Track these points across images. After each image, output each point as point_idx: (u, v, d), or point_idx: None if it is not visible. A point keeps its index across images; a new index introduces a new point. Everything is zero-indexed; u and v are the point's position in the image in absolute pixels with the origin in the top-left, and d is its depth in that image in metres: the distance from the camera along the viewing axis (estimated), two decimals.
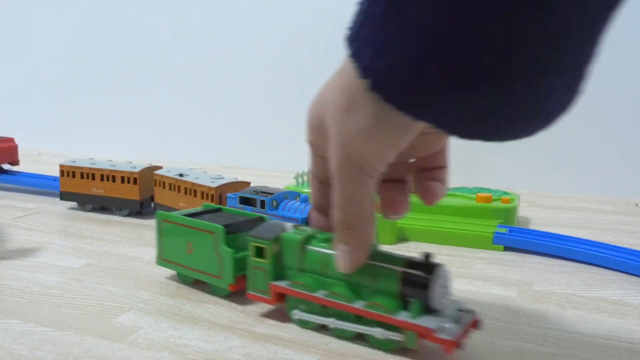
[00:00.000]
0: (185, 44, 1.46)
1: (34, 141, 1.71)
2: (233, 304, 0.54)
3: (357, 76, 0.35)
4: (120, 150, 1.54)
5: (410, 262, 0.45)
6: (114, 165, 0.91)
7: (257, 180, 1.10)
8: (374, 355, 0.45)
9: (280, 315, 0.52)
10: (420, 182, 0.48)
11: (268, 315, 0.52)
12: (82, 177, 0.92)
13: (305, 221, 0.65)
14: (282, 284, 0.49)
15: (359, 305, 0.44)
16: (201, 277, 0.55)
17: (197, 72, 1.46)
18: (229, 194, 0.72)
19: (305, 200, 0.68)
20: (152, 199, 0.90)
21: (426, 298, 0.42)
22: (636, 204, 1.04)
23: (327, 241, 0.47)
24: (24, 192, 1.07)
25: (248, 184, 0.80)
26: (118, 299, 0.55)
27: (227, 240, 0.52)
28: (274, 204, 0.68)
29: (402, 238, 0.78)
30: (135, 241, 0.76)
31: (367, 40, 0.35)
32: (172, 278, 0.62)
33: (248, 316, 0.52)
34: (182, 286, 0.59)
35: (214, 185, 0.76)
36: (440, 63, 0.31)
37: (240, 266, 0.52)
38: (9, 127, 1.76)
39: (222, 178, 0.79)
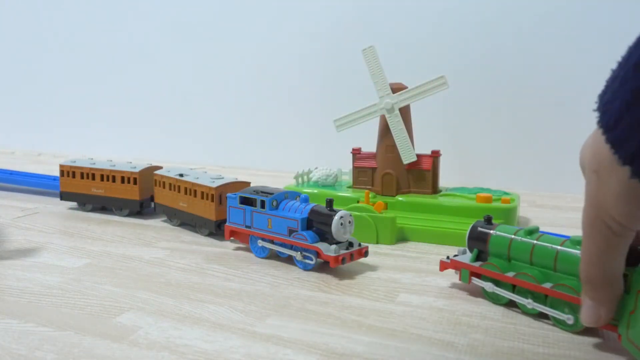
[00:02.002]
0: (186, 44, 1.46)
1: (34, 141, 1.71)
2: (233, 304, 0.55)
3: (610, 151, 0.38)
4: (120, 150, 1.54)
5: None
6: (114, 165, 0.91)
7: (257, 180, 1.10)
8: (374, 355, 0.45)
9: (281, 315, 0.52)
10: None
11: (268, 315, 0.52)
12: (82, 177, 0.92)
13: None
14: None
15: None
16: None
17: (197, 73, 1.46)
18: (229, 194, 0.73)
19: (305, 200, 0.68)
20: (152, 199, 0.90)
21: None
22: None
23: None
24: (24, 192, 1.07)
25: (248, 184, 0.80)
26: (118, 299, 0.55)
27: None
28: (274, 204, 0.68)
29: (402, 238, 0.78)
30: (135, 241, 0.76)
31: (631, 131, 0.37)
32: (172, 278, 0.62)
33: (248, 316, 0.52)
34: (182, 286, 0.59)
35: (214, 185, 0.76)
36: None
37: None
38: (9, 127, 1.76)
39: (222, 178, 0.79)
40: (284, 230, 0.66)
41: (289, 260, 0.68)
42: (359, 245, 0.65)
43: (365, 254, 0.65)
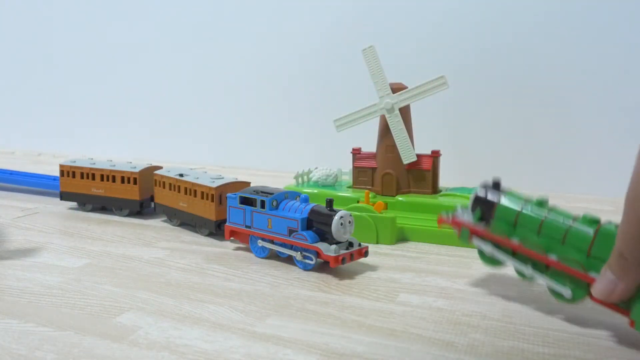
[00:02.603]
0: (186, 44, 1.46)
1: (34, 141, 1.71)
2: (233, 304, 0.55)
3: None
4: (120, 150, 1.54)
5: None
6: (114, 165, 0.91)
7: (257, 180, 1.10)
8: (374, 355, 0.45)
9: (281, 315, 0.52)
10: None
11: (268, 315, 0.52)
12: (82, 177, 0.92)
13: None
14: None
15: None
16: None
17: (197, 72, 1.46)
18: (229, 194, 0.73)
19: (305, 200, 0.68)
20: (152, 199, 0.90)
21: None
22: None
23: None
24: (24, 192, 1.07)
25: (248, 184, 0.80)
26: (118, 299, 0.55)
27: None
28: (274, 204, 0.68)
29: (402, 238, 0.78)
30: (135, 241, 0.76)
31: None
32: (172, 278, 0.62)
33: (248, 316, 0.52)
34: (182, 286, 0.59)
35: (214, 185, 0.76)
36: None
37: None
38: (9, 128, 1.76)
39: (222, 178, 0.79)
40: (284, 230, 0.66)
41: (289, 260, 0.68)
42: (359, 245, 0.65)
43: (365, 254, 0.65)
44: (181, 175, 0.83)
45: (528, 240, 0.52)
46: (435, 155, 0.87)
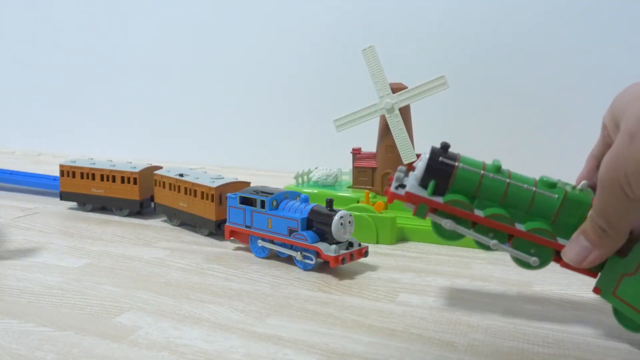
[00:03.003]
0: (186, 44, 1.46)
1: (34, 141, 1.71)
2: (233, 304, 0.55)
3: None
4: (120, 150, 1.54)
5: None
6: (114, 165, 0.91)
7: (257, 180, 1.10)
8: (374, 355, 0.45)
9: (281, 315, 0.52)
10: None
11: (268, 315, 0.52)
12: (82, 177, 0.92)
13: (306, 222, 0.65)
14: None
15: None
16: None
17: (197, 72, 1.46)
18: (229, 194, 0.72)
19: (305, 200, 0.68)
20: (152, 199, 0.90)
21: None
22: None
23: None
24: (24, 192, 1.07)
25: (248, 184, 0.80)
26: (118, 299, 0.55)
27: None
28: (274, 204, 0.68)
29: (402, 238, 0.78)
30: (135, 241, 0.76)
31: None
32: (172, 278, 0.62)
33: (248, 316, 0.52)
34: (182, 286, 0.59)
35: (214, 185, 0.76)
36: None
37: None
38: (9, 128, 1.76)
39: (222, 178, 0.79)
40: (284, 230, 0.66)
41: (289, 260, 0.68)
42: (359, 245, 0.65)
43: (365, 254, 0.65)
44: (181, 175, 0.83)
45: (493, 212, 0.49)
46: None
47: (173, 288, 0.59)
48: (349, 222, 0.64)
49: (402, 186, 0.52)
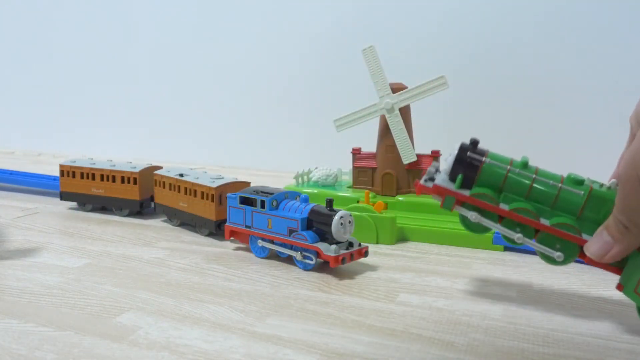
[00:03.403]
0: (186, 44, 1.46)
1: (34, 141, 1.71)
2: (233, 304, 0.55)
3: None
4: (120, 150, 1.54)
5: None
6: (114, 165, 0.91)
7: (257, 180, 1.10)
8: (374, 355, 0.45)
9: (281, 315, 0.52)
10: None
11: (268, 315, 0.52)
12: (82, 177, 0.92)
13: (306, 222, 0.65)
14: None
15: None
16: None
17: (197, 72, 1.46)
18: (229, 194, 0.72)
19: (305, 200, 0.68)
20: (152, 199, 0.90)
21: None
22: None
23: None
24: (24, 192, 1.07)
25: (248, 184, 0.80)
26: (118, 299, 0.55)
27: None
28: (274, 204, 0.68)
29: (402, 238, 0.78)
30: (135, 241, 0.76)
31: None
32: (172, 278, 0.62)
33: (248, 316, 0.52)
34: (182, 286, 0.59)
35: (214, 185, 0.76)
36: None
37: None
38: (9, 128, 1.76)
39: (222, 178, 0.79)
40: (284, 230, 0.66)
41: (289, 260, 0.68)
42: (359, 245, 0.65)
43: (365, 254, 0.65)
44: (181, 175, 0.83)
45: (518, 206, 0.51)
46: (435, 155, 0.87)
47: (173, 288, 0.59)
48: (349, 222, 0.64)
49: (432, 180, 0.54)
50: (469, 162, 0.52)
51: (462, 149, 0.53)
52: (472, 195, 0.52)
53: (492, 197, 0.51)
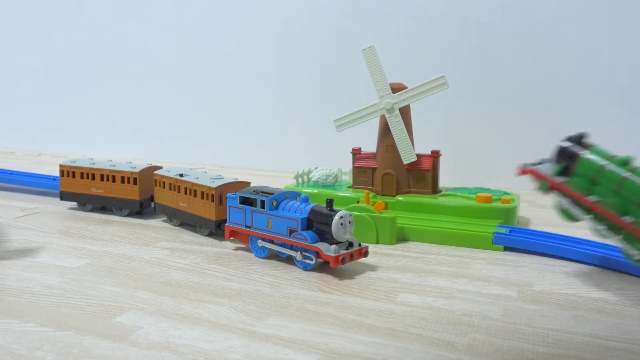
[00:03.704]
0: (185, 44, 1.46)
1: (34, 141, 1.71)
2: (233, 304, 0.55)
3: None
4: (120, 150, 1.54)
5: None
6: (114, 165, 0.91)
7: (257, 180, 1.10)
8: (374, 355, 0.45)
9: (281, 315, 0.52)
10: None
11: (268, 315, 0.52)
12: (82, 177, 0.92)
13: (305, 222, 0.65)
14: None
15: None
16: None
17: (197, 72, 1.46)
18: (229, 194, 0.73)
19: (305, 200, 0.68)
20: (152, 199, 0.90)
21: None
22: None
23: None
24: (24, 192, 1.07)
25: (248, 184, 0.80)
26: (118, 299, 0.55)
27: None
28: (274, 204, 0.68)
29: (402, 238, 0.78)
30: (135, 241, 0.76)
31: None
32: (172, 278, 0.62)
33: (248, 316, 0.52)
34: (182, 286, 0.59)
35: (214, 185, 0.76)
36: None
37: None
38: (9, 128, 1.76)
39: (222, 178, 0.79)
40: (284, 230, 0.66)
41: (289, 260, 0.68)
42: (359, 245, 0.65)
43: (365, 254, 0.65)
44: (181, 175, 0.83)
45: (605, 199, 0.52)
46: (435, 155, 0.87)
47: (173, 288, 0.59)
48: (349, 222, 0.64)
49: (535, 165, 0.61)
50: (568, 153, 0.57)
51: (565, 140, 0.59)
52: (562, 183, 0.56)
53: (580, 187, 0.55)
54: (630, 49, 1.05)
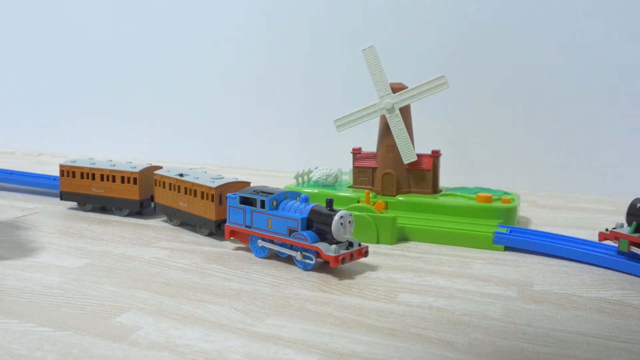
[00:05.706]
0: (185, 44, 1.46)
1: (34, 141, 1.71)
2: (233, 304, 0.55)
3: None
4: (120, 150, 1.54)
5: None
6: (114, 165, 0.91)
7: (257, 180, 1.10)
8: (374, 355, 0.45)
9: (281, 315, 0.52)
10: None
11: (268, 315, 0.52)
12: (82, 177, 0.92)
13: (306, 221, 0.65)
14: None
15: None
16: None
17: (197, 72, 1.46)
18: (229, 194, 0.73)
19: (305, 200, 0.68)
20: (152, 199, 0.90)
21: None
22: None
23: None
24: (24, 192, 1.07)
25: (248, 184, 0.80)
26: (118, 299, 0.55)
27: None
28: (274, 204, 0.68)
29: (402, 238, 0.78)
30: (135, 241, 0.76)
31: None
32: (172, 278, 0.62)
33: (248, 316, 0.52)
34: (182, 286, 0.59)
35: (214, 185, 0.76)
36: None
37: None
38: (9, 128, 1.76)
39: (222, 178, 0.79)
40: (284, 230, 0.66)
41: (289, 260, 0.68)
42: (359, 245, 0.65)
43: (365, 254, 0.65)
44: (181, 175, 0.83)
45: None
46: (435, 155, 0.87)
47: (173, 288, 0.59)
48: (349, 222, 0.64)
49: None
50: (637, 212, 0.65)
51: (634, 202, 0.66)
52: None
53: None
54: (633, 49, 1.05)
